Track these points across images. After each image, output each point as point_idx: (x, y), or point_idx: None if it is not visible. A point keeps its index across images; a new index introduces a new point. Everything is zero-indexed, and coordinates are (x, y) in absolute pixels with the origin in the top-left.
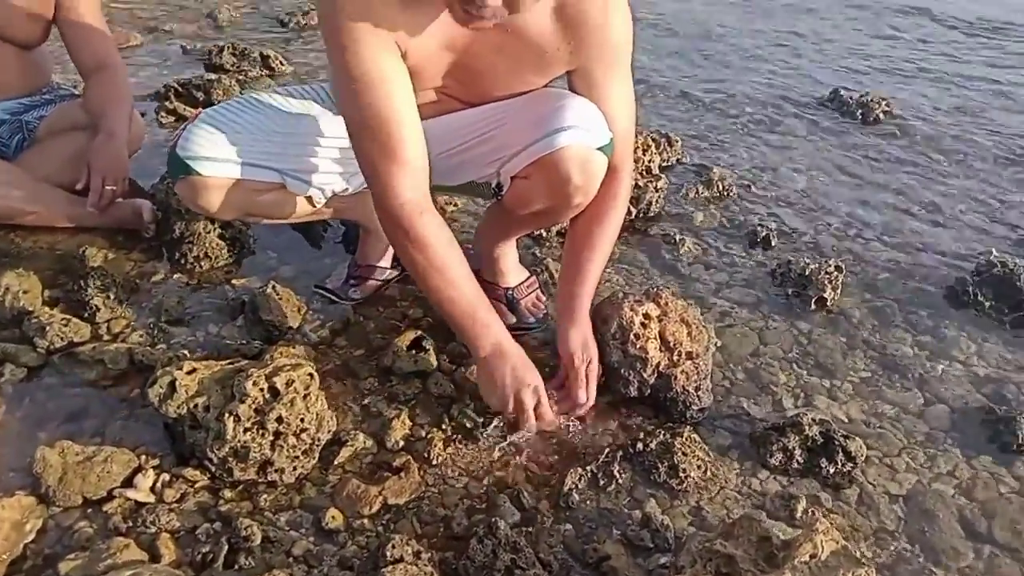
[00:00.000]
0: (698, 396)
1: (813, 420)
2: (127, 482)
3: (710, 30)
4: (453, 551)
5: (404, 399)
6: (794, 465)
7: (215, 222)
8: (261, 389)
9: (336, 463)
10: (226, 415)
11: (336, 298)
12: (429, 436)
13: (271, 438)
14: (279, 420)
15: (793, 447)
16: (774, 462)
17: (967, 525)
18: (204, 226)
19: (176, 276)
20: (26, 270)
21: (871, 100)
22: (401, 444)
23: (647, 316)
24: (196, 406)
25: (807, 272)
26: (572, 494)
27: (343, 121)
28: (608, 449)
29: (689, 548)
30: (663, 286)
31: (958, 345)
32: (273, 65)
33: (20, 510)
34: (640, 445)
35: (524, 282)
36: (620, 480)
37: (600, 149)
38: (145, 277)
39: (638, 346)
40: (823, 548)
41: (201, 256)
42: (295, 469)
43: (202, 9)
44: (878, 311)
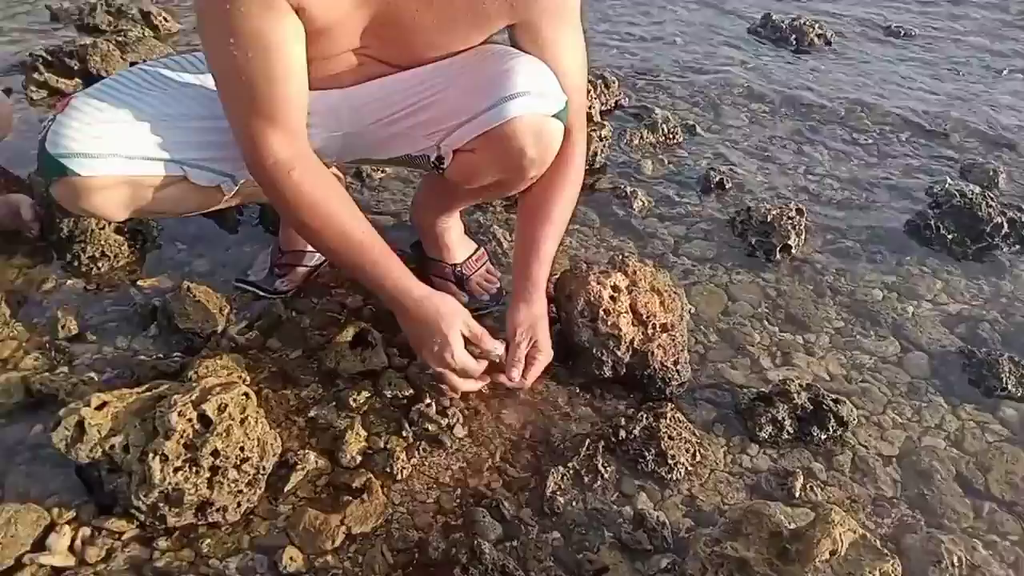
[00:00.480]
0: (677, 371)
1: (801, 386)
2: (38, 545)
3: None
4: None
5: (354, 406)
6: (784, 436)
7: None
8: (189, 420)
9: (287, 490)
10: (151, 455)
11: (262, 292)
12: (389, 447)
13: (207, 475)
14: (215, 454)
15: (782, 417)
16: (763, 435)
17: (964, 482)
18: (97, 221)
19: (70, 282)
20: None
21: (804, 24)
22: (358, 460)
23: (615, 288)
24: (113, 447)
25: (769, 219)
26: (556, 497)
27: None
28: (588, 440)
29: (696, 552)
30: (627, 252)
31: (924, 283)
32: (156, 23)
33: None
34: (623, 432)
35: (472, 256)
36: (605, 475)
37: (555, 116)
38: (33, 286)
39: (609, 323)
40: (842, 542)
41: (97, 256)
42: (239, 505)
43: None
44: (841, 253)
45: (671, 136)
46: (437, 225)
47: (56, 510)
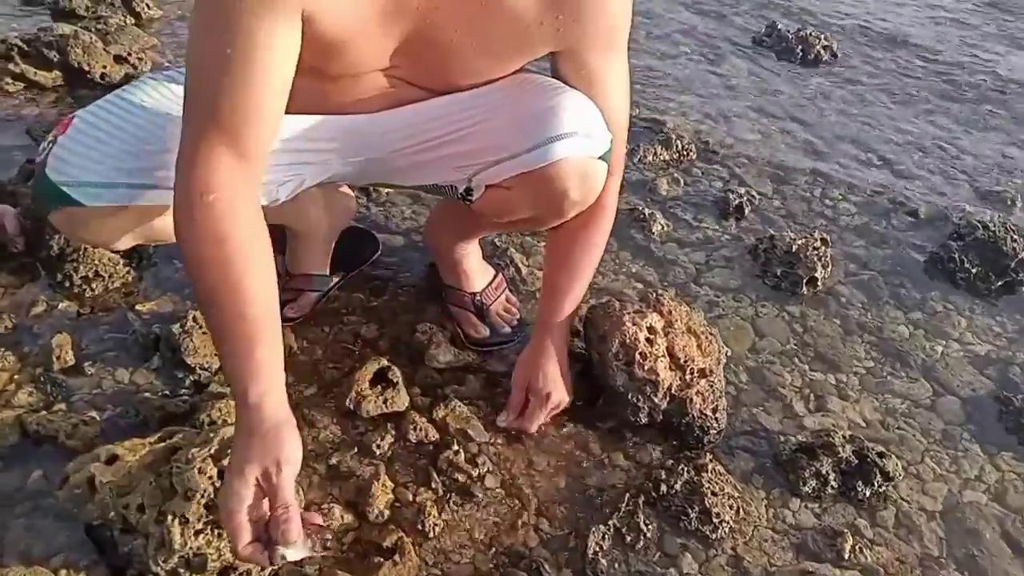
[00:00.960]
0: (715, 419)
1: (844, 438)
2: None
3: None
4: None
5: (378, 452)
6: (828, 491)
7: None
8: (209, 478)
9: None
10: (170, 517)
11: None
12: (419, 500)
13: None
14: None
15: (827, 472)
16: (806, 489)
17: (1012, 542)
18: None
19: (62, 305)
20: None
21: (810, 35)
22: (387, 515)
23: (651, 330)
24: (127, 506)
25: (794, 249)
26: (599, 559)
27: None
28: (628, 495)
29: None
30: (649, 280)
31: (950, 320)
32: (137, 9)
33: None
34: (663, 487)
35: (491, 283)
36: (647, 533)
37: (600, 157)
38: (21, 309)
39: (646, 367)
40: None
41: (91, 276)
42: (263, 569)
43: None
44: (864, 286)
45: (685, 153)
46: (455, 251)
47: (64, 572)
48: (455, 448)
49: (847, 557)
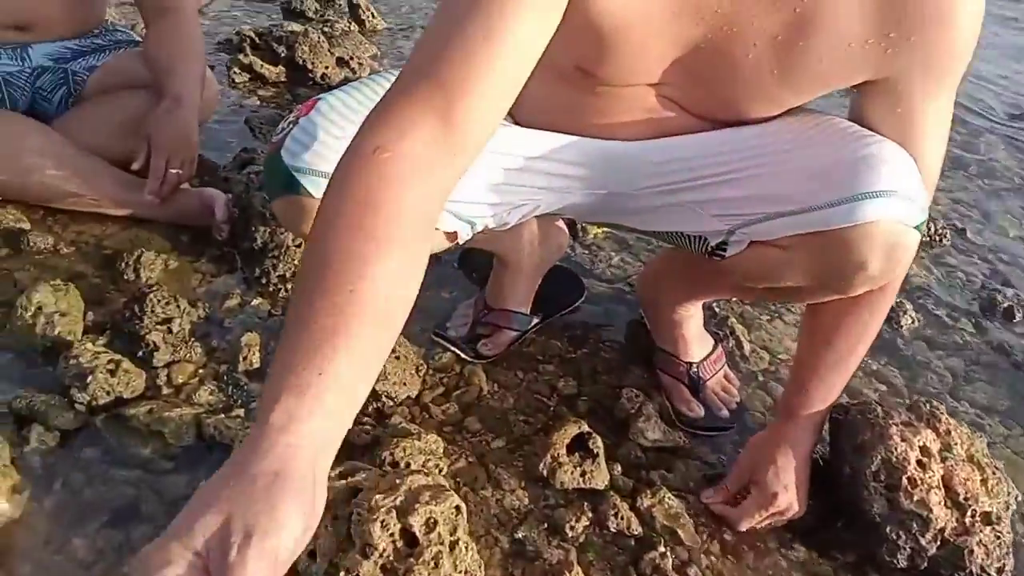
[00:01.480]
0: None
1: None
2: None
3: None
4: None
5: (571, 533)
6: None
7: None
8: (392, 535)
9: None
10: (342, 574)
11: (461, 353)
12: None
13: None
14: None
15: None
16: None
17: None
18: (294, 238)
19: (255, 302)
20: (64, 281)
21: None
22: None
23: (925, 451)
24: None
25: None
26: None
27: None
28: None
29: None
30: (933, 402)
31: None
32: (363, 17)
33: None
34: None
35: (711, 356)
36: None
37: (916, 227)
38: (215, 300)
39: (915, 498)
40: None
41: (288, 276)
42: None
43: None
44: None
45: (939, 238)
46: (675, 311)
47: None
48: (662, 550)
49: None
